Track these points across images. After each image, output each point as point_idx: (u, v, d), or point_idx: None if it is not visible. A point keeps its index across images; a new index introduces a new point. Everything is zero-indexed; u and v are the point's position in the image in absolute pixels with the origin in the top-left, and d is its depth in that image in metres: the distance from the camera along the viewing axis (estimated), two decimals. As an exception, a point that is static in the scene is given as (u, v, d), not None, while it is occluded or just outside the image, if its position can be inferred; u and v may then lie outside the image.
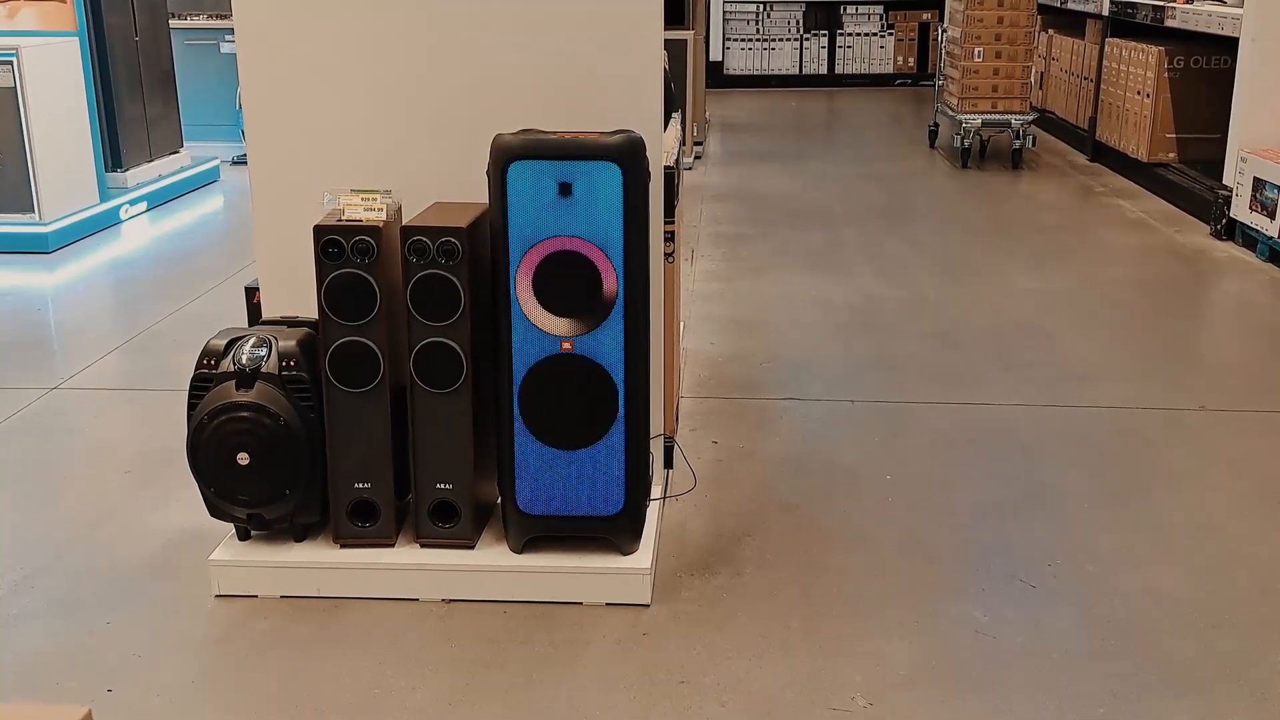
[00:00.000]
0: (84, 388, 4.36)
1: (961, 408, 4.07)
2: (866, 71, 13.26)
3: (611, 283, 2.71)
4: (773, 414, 4.03)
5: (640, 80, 3.00)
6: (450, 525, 2.90)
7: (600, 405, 2.78)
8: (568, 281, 2.71)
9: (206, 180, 8.01)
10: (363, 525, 2.91)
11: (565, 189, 2.67)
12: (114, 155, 7.22)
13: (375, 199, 2.79)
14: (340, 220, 2.75)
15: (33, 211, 6.32)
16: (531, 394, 2.78)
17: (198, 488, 2.89)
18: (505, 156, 2.67)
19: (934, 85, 9.52)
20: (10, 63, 6.13)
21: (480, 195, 2.83)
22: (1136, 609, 2.85)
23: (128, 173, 7.26)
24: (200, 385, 2.84)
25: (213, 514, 2.93)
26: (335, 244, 2.72)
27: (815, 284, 5.57)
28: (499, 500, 2.94)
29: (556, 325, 2.74)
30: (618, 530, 2.87)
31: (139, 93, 7.46)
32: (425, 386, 2.80)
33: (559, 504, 2.85)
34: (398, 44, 3.03)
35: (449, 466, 2.85)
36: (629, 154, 2.67)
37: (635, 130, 2.76)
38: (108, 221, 6.82)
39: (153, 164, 7.54)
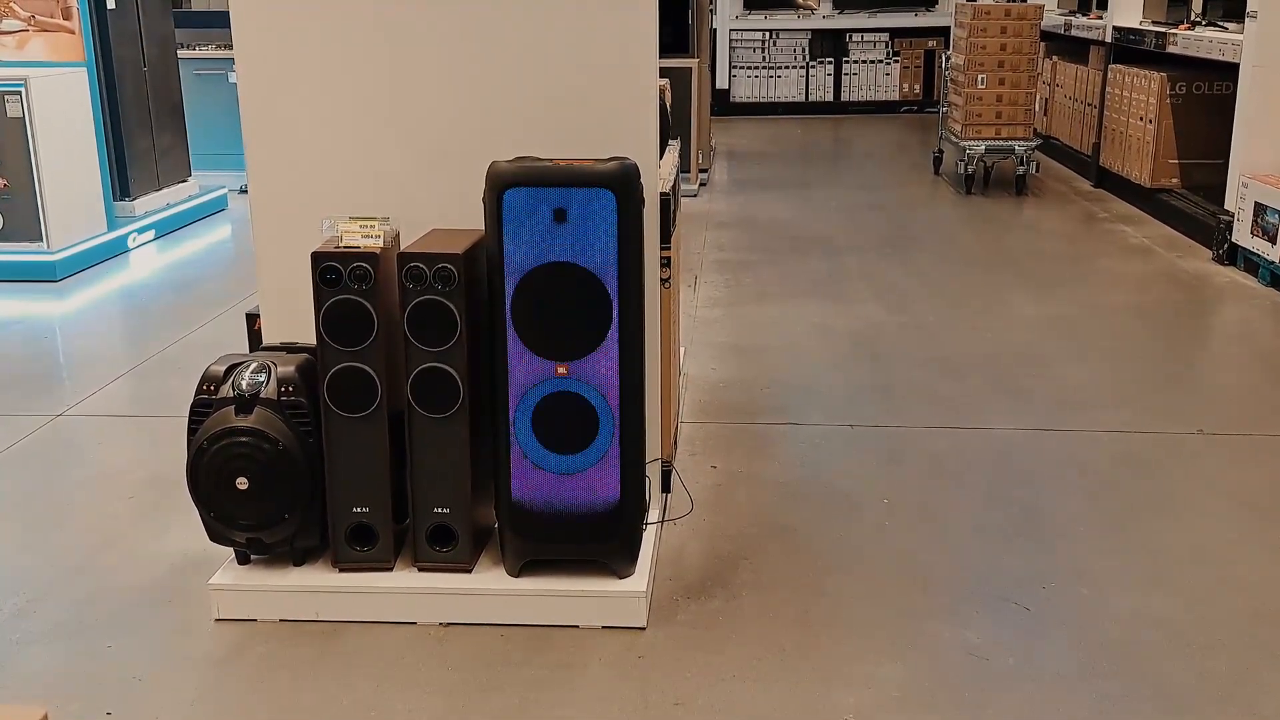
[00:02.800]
0: (89, 415, 4.40)
1: (959, 432, 4.09)
2: (872, 98, 13.34)
3: (606, 308, 2.75)
4: (772, 439, 4.05)
5: (636, 108, 3.05)
6: (448, 549, 2.92)
7: (595, 430, 2.81)
8: (563, 307, 2.75)
9: (214, 209, 8.08)
10: (361, 549, 2.94)
11: (560, 215, 2.70)
12: (122, 184, 7.29)
13: (373, 226, 2.84)
14: (338, 247, 2.79)
15: (41, 240, 6.39)
16: (527, 418, 2.81)
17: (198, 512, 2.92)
18: (500, 183, 2.71)
19: (938, 112, 9.57)
20: (19, 93, 6.21)
21: (479, 222, 2.87)
22: (1129, 632, 2.86)
23: (136, 201, 7.34)
24: (200, 411, 2.88)
25: (212, 538, 2.96)
26: (333, 270, 2.76)
27: (817, 311, 5.60)
28: (496, 524, 2.97)
29: (551, 351, 2.77)
30: (613, 554, 2.89)
31: (148, 122, 7.54)
32: (422, 411, 2.83)
33: (555, 528, 2.87)
34: (397, 74, 3.08)
35: (446, 490, 2.88)
36: (623, 180, 2.71)
37: (630, 157, 2.80)
38: (116, 250, 6.89)
39: (161, 193, 7.62)
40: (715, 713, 2.56)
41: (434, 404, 2.82)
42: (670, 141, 3.89)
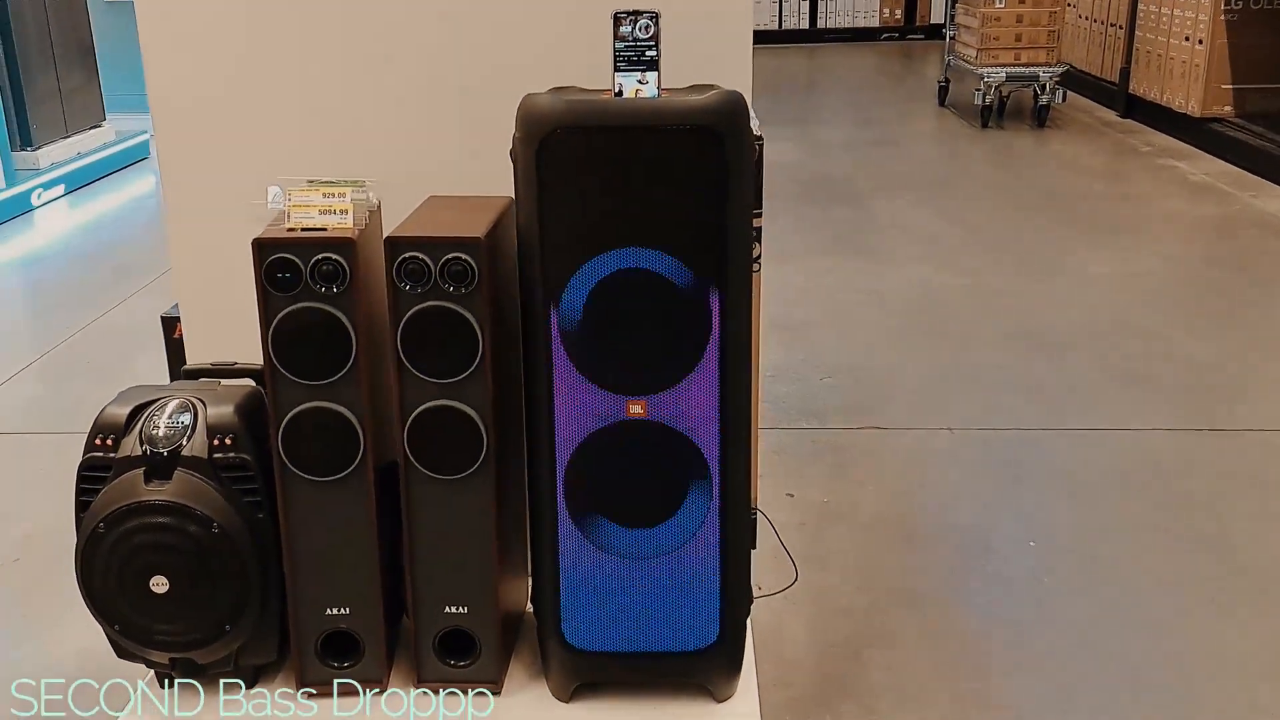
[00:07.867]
0: (-32, 431, 3.43)
1: (1087, 436, 3.24)
2: (851, 25, 12.37)
3: (706, 313, 1.83)
4: (853, 451, 3.18)
5: (717, 10, 2.11)
6: (466, 662, 2.01)
7: (685, 492, 1.90)
8: (639, 314, 1.82)
9: (135, 158, 7.08)
10: (340, 665, 2.02)
11: (636, 173, 1.77)
12: (23, 132, 6.30)
13: (343, 195, 1.89)
14: (293, 230, 1.84)
15: (-78, 200, 5.37)
16: (585, 478, 1.89)
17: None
18: (542, 126, 1.77)
19: (945, 37, 8.63)
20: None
21: (491, 184, 1.94)
22: None
23: (39, 151, 6.38)
24: (93, 476, 1.93)
25: (120, 656, 2.03)
26: (287, 266, 1.81)
27: (857, 272, 4.72)
28: (535, 627, 2.06)
29: (622, 379, 1.85)
30: (710, 667, 2.00)
31: (50, 60, 6.51)
32: (426, 470, 1.90)
33: (624, 634, 1.97)
34: (368, -30, 2.11)
35: (463, 581, 1.97)
36: (729, 119, 1.78)
37: (719, 85, 1.87)
38: (17, 209, 5.88)
39: (70, 140, 6.65)
40: None
41: (444, 459, 1.89)
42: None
